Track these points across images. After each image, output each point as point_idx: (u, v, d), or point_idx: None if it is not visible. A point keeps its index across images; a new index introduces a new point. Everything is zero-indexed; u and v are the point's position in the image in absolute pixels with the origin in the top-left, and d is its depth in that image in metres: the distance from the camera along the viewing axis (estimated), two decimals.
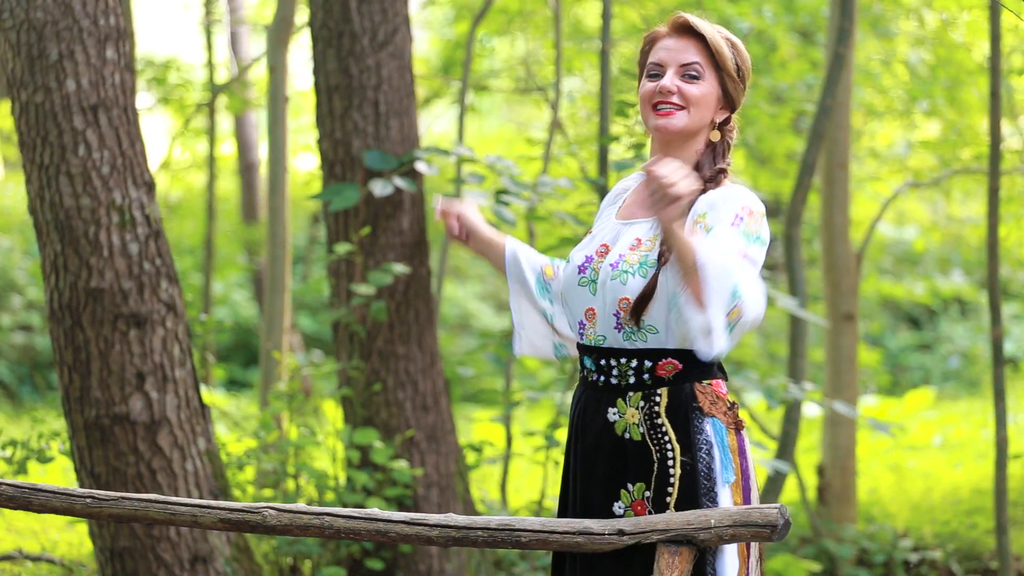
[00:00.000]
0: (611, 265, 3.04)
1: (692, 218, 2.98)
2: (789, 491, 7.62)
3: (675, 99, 3.06)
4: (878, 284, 13.40)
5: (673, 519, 2.93)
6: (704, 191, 3.03)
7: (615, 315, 3.03)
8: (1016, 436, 8.85)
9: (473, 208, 3.32)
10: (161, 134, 14.77)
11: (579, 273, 3.11)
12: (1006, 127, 9.01)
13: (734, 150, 3.19)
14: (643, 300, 2.99)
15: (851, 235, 7.26)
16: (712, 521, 2.91)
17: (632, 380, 3.04)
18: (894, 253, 14.42)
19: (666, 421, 3.02)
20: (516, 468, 7.95)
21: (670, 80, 3.07)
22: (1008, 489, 6.22)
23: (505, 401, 6.35)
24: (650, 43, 3.14)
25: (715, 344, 2.87)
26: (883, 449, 9.41)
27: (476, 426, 9.64)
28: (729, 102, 3.11)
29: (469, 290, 14.33)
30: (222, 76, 11.64)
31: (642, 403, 3.03)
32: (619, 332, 3.04)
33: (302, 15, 7.10)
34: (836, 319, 7.06)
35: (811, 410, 9.59)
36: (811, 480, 7.87)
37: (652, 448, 3.01)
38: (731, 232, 2.94)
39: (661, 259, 2.98)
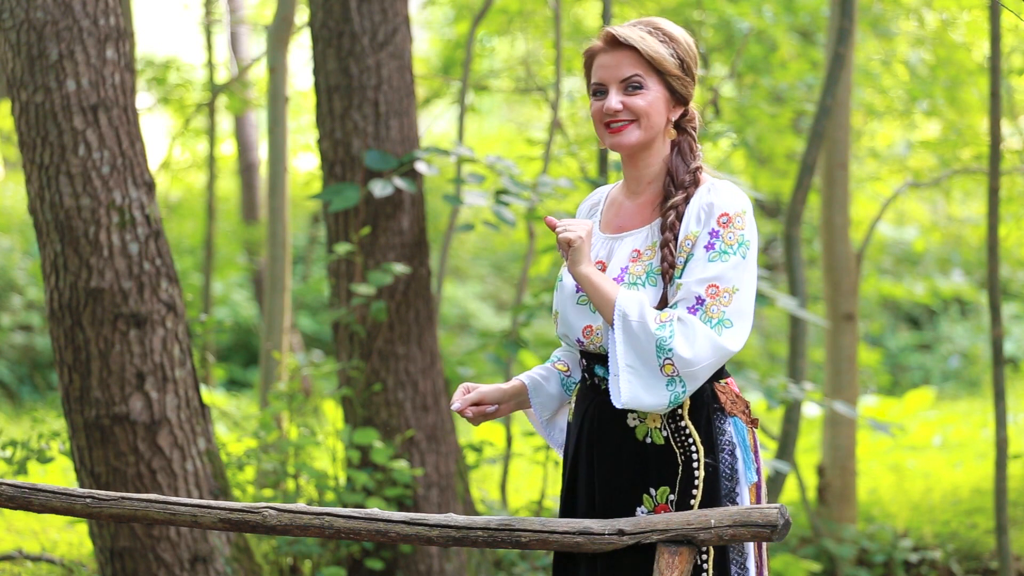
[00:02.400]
0: (615, 280, 3.01)
1: (684, 233, 2.98)
2: (789, 491, 7.62)
3: (624, 115, 3.02)
4: (878, 284, 13.39)
5: (672, 519, 2.92)
6: (687, 197, 3.01)
7: None
8: (1016, 436, 8.85)
9: (468, 386, 3.20)
10: (161, 134, 14.77)
11: (577, 292, 3.08)
12: (1006, 127, 9.01)
13: (734, 150, 3.18)
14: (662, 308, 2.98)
15: (851, 235, 7.26)
16: (712, 521, 2.90)
17: None
18: (894, 253, 14.41)
19: (689, 423, 3.00)
20: (516, 468, 7.95)
21: (614, 100, 3.02)
22: (1008, 489, 6.22)
23: None
24: (589, 60, 3.08)
25: (616, 396, 2.92)
26: (883, 449, 9.40)
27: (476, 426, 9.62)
28: (680, 98, 3.06)
29: (469, 290, 14.33)
30: (222, 76, 11.65)
31: None
32: None
33: (302, 15, 7.10)
34: (836, 319, 7.06)
35: (811, 410, 9.59)
36: (811, 480, 7.87)
37: (677, 451, 2.99)
38: (700, 264, 2.94)
39: (664, 269, 2.98)
